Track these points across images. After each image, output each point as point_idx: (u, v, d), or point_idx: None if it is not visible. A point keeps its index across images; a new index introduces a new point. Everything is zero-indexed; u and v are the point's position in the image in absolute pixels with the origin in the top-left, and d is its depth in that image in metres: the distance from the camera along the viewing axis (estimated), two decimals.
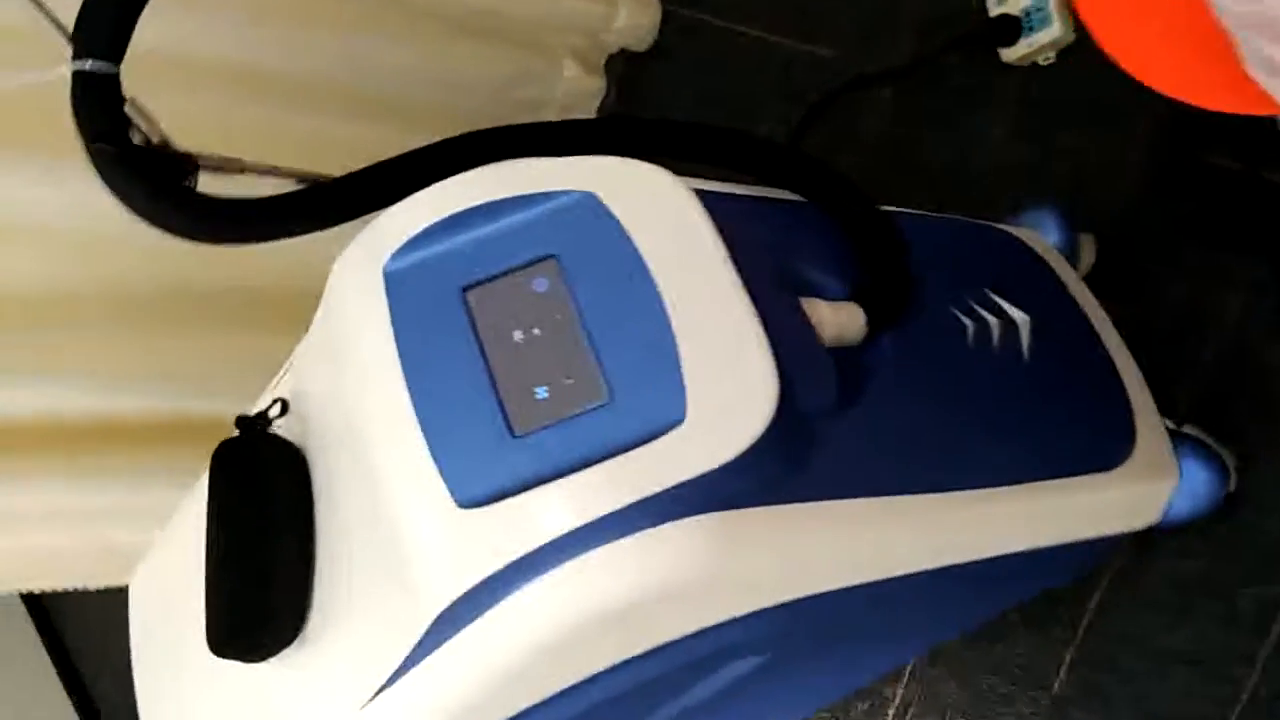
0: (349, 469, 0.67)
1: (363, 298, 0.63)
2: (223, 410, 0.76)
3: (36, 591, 1.97)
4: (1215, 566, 1.01)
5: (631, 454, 0.56)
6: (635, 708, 0.75)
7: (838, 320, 0.69)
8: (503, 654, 0.60)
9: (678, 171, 0.65)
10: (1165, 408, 0.95)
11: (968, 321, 0.79)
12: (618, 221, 0.61)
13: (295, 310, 0.74)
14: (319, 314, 0.69)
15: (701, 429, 0.56)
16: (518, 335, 0.60)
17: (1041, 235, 0.99)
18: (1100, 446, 0.84)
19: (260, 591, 0.69)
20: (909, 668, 1.19)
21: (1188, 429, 0.98)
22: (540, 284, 0.61)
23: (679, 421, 0.56)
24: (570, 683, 0.65)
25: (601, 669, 0.64)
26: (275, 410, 0.73)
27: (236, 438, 0.71)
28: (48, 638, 2.21)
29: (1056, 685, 1.09)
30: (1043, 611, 1.08)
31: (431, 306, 0.61)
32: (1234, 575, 1.00)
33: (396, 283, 0.62)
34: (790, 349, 0.60)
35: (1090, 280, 1.00)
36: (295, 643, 0.69)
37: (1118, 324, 0.96)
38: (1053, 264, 0.93)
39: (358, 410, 0.63)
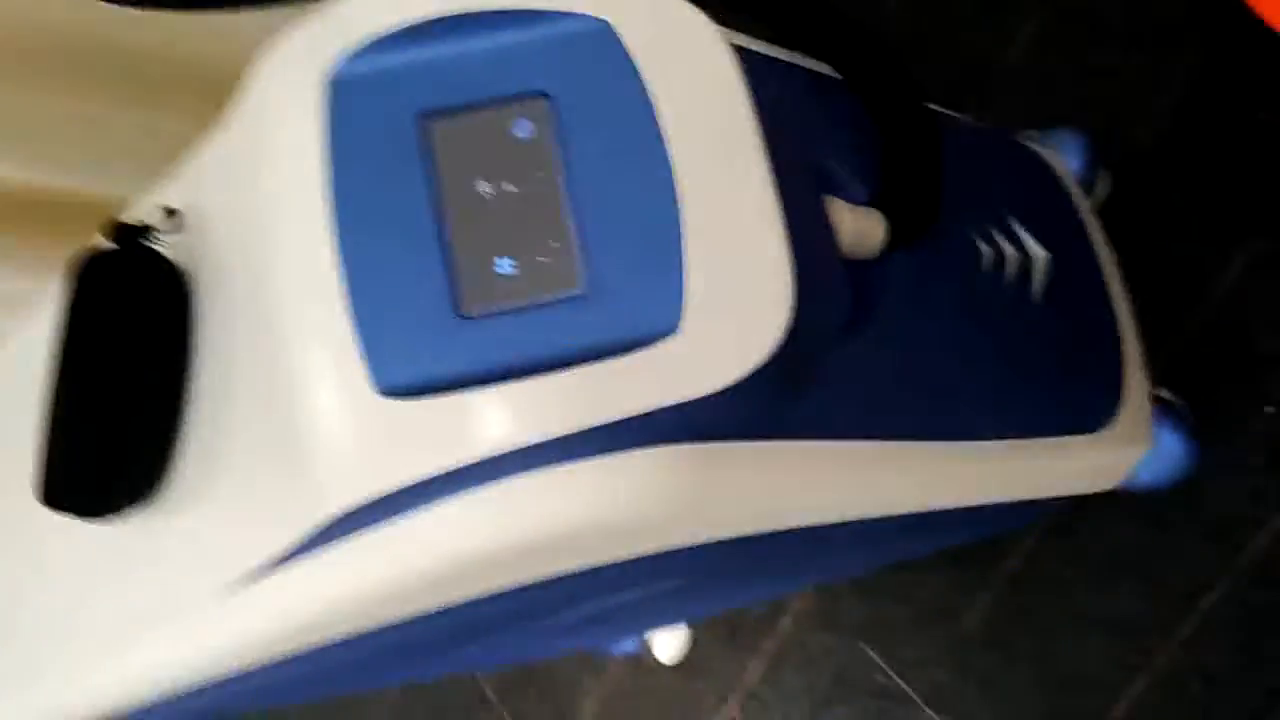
0: (245, 312, 0.54)
1: (294, 105, 0.49)
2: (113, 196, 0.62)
3: None
4: (1153, 538, 0.96)
5: (604, 364, 0.45)
6: (528, 618, 0.67)
7: (857, 228, 0.58)
8: (403, 569, 0.49)
9: None
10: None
11: (984, 249, 0.69)
12: (633, 64, 0.49)
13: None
14: (235, 113, 0.55)
15: (696, 346, 0.46)
16: (484, 188, 0.48)
17: (1063, 160, 0.88)
18: (1088, 406, 0.76)
19: (112, 433, 0.57)
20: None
21: (1162, 392, 0.91)
22: (523, 127, 0.48)
23: (669, 332, 0.46)
24: (468, 599, 0.55)
25: (508, 589, 0.55)
26: (161, 220, 0.59)
27: (107, 250, 0.57)
28: None
29: (964, 625, 1.05)
30: (967, 551, 1.02)
31: (380, 131, 0.48)
32: (1170, 550, 0.95)
33: (341, 93, 0.49)
34: (807, 257, 0.49)
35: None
36: (149, 502, 0.58)
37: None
38: (1075, 196, 0.83)
39: (267, 245, 0.50)
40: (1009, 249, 0.70)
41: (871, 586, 1.10)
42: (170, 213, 0.60)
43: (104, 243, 0.58)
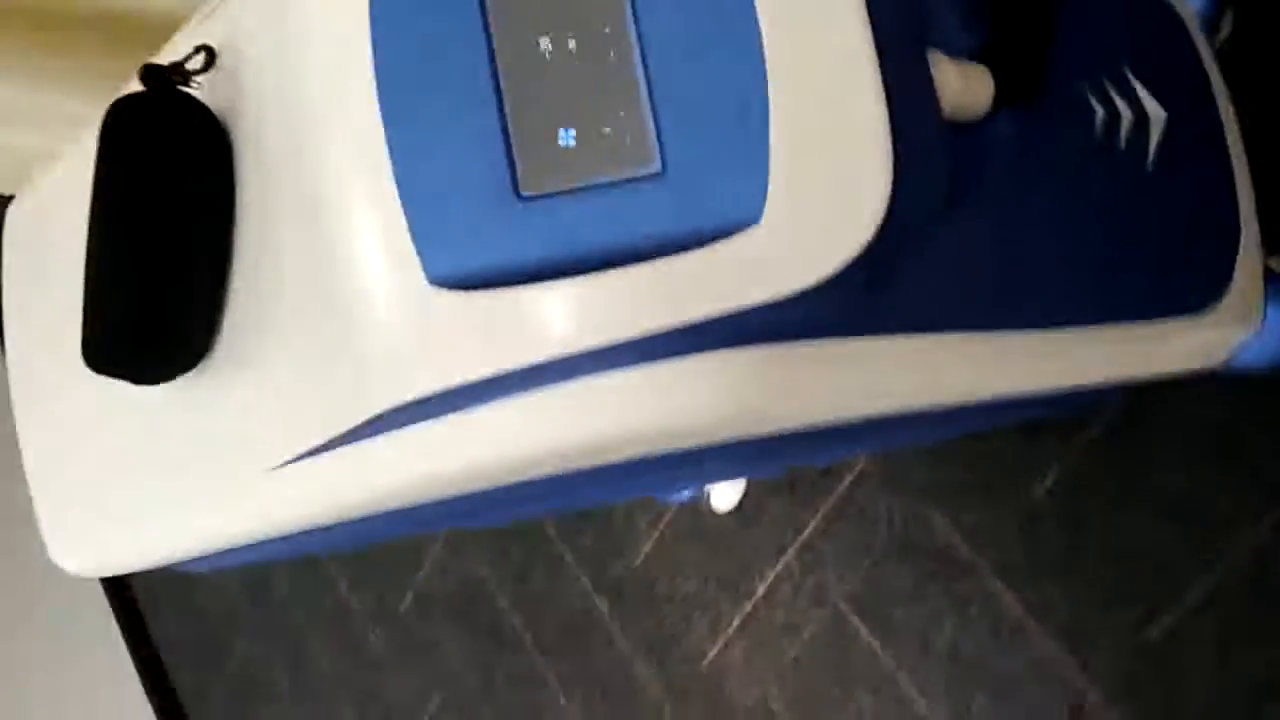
0: (286, 168, 0.50)
1: None
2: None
3: None
4: (1245, 425, 0.91)
5: (679, 259, 0.40)
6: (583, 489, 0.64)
7: (963, 87, 0.51)
8: (455, 463, 0.46)
9: None
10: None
11: (1098, 108, 0.62)
12: None
13: None
14: None
15: (781, 237, 0.41)
16: (545, 44, 0.42)
17: None
18: (1196, 285, 0.70)
19: (157, 294, 0.54)
20: None
21: (1274, 263, 0.84)
22: None
23: (752, 221, 0.41)
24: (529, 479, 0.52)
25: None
26: (197, 61, 0.54)
27: (140, 94, 0.53)
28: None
29: (1034, 495, 1.01)
30: (1042, 422, 0.98)
31: None
32: (1264, 437, 0.90)
33: None
34: (908, 129, 0.43)
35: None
36: (194, 370, 0.55)
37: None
38: (1197, 42, 0.74)
39: (305, 100, 0.45)
40: (1124, 108, 0.63)
41: (940, 451, 1.07)
42: (206, 52, 0.55)
43: (137, 87, 0.53)
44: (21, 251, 0.74)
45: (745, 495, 1.24)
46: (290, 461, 0.51)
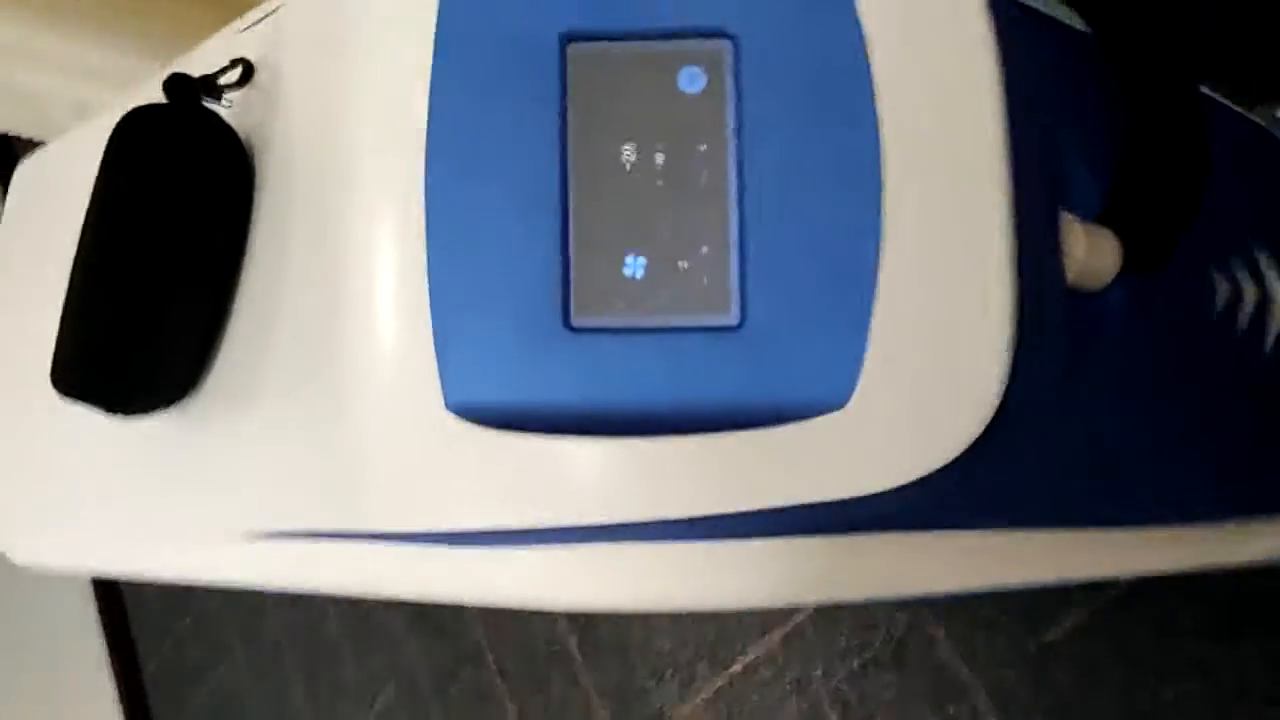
0: (309, 222, 0.44)
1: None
2: None
3: None
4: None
5: (746, 436, 0.34)
6: None
7: (1090, 255, 0.45)
8: (450, 590, 0.40)
9: None
10: None
11: (1221, 284, 0.55)
12: (855, 12, 0.36)
13: None
14: None
15: (870, 428, 0.34)
16: (628, 154, 0.36)
17: None
18: None
19: (143, 325, 0.47)
20: None
21: None
22: (692, 78, 0.36)
23: (837, 404, 0.34)
24: None
25: None
26: (232, 75, 0.48)
27: (161, 106, 0.46)
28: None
29: (1048, 633, 0.95)
30: None
31: (506, 45, 0.36)
32: None
33: None
34: (1030, 305, 0.37)
35: None
36: (173, 409, 0.49)
37: None
38: None
39: (342, 156, 0.39)
40: (1249, 287, 0.56)
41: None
42: (243, 66, 0.48)
43: (159, 97, 0.47)
44: (21, 217, 0.68)
45: None
46: (262, 534, 0.45)
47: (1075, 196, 0.47)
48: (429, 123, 0.36)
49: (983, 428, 0.35)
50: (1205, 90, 0.61)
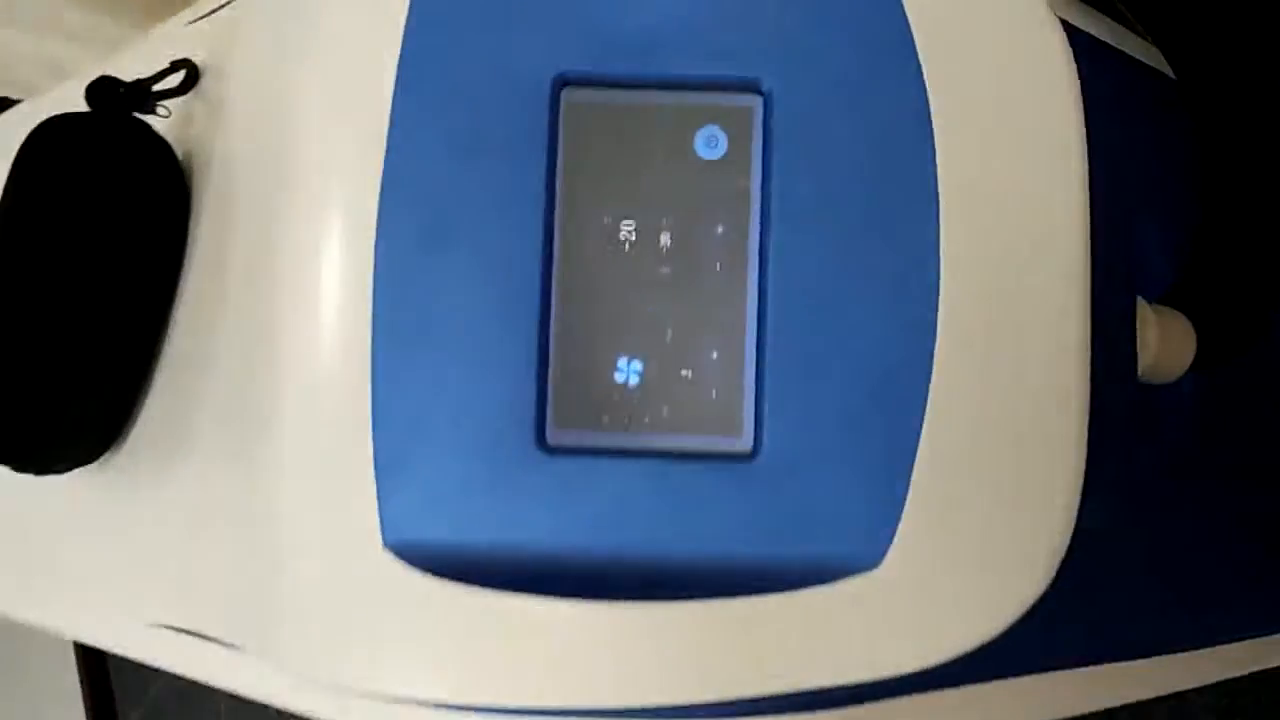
0: (245, 273, 0.37)
1: (361, 8, 0.30)
2: None
3: None
4: None
5: (755, 602, 0.27)
6: None
7: (1162, 347, 0.38)
8: None
9: None
10: None
11: None
12: (918, 61, 0.29)
13: None
14: None
15: (908, 595, 0.28)
16: (626, 232, 0.29)
17: None
18: None
19: (54, 374, 0.40)
20: None
21: None
22: (711, 141, 0.29)
23: (869, 565, 0.27)
24: None
25: None
26: (173, 80, 0.41)
27: (80, 116, 0.39)
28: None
29: None
30: None
31: (485, 91, 0.29)
32: None
33: (437, 5, 0.29)
34: (1100, 417, 0.30)
35: None
36: (94, 465, 0.42)
37: None
38: None
39: (281, 203, 0.32)
40: None
41: None
42: (187, 69, 0.41)
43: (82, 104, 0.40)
44: None
45: None
46: (174, 630, 0.39)
47: (1142, 273, 0.40)
48: (383, 178, 0.29)
49: (1043, 588, 0.29)
50: None
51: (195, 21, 0.43)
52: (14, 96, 0.92)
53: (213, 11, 0.43)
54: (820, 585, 0.27)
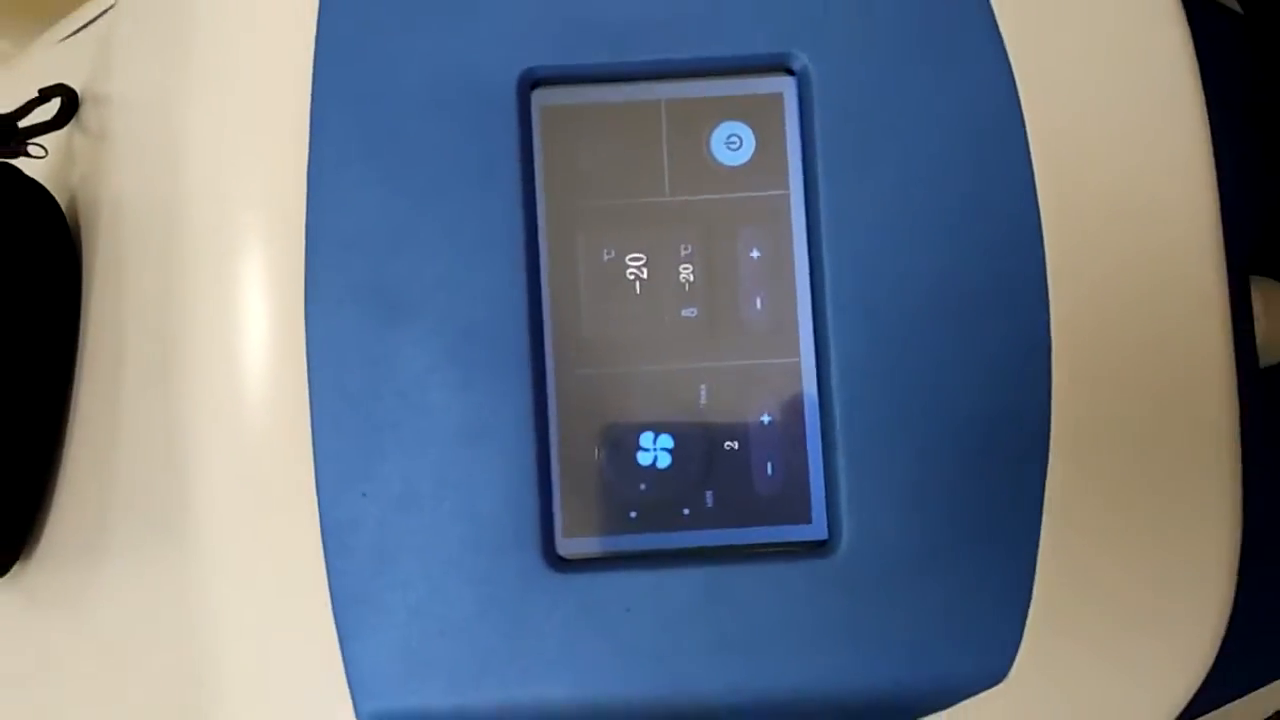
0: (147, 342, 0.29)
1: (261, 7, 0.22)
2: None
3: None
4: None
5: None
6: None
7: (1267, 323, 0.32)
8: None
9: None
10: None
11: None
12: (994, 20, 0.22)
13: None
14: None
15: (1038, 709, 0.21)
16: (635, 265, 0.22)
17: None
18: None
19: None
20: None
21: None
22: (734, 141, 0.22)
23: (995, 678, 0.21)
24: None
25: None
26: (48, 110, 0.33)
27: None
28: None
29: None
30: None
31: (431, 98, 0.22)
32: None
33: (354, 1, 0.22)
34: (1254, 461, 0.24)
35: None
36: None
37: None
38: None
39: (182, 254, 0.25)
40: None
41: None
42: (63, 97, 0.34)
43: None
44: None
45: None
46: None
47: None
48: (308, 220, 0.22)
49: (1205, 671, 0.22)
50: None
51: (68, 38, 0.35)
52: None
53: (89, 24, 0.35)
54: (936, 713, 0.20)
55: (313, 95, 0.22)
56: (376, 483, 0.21)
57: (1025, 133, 0.22)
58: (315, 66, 0.22)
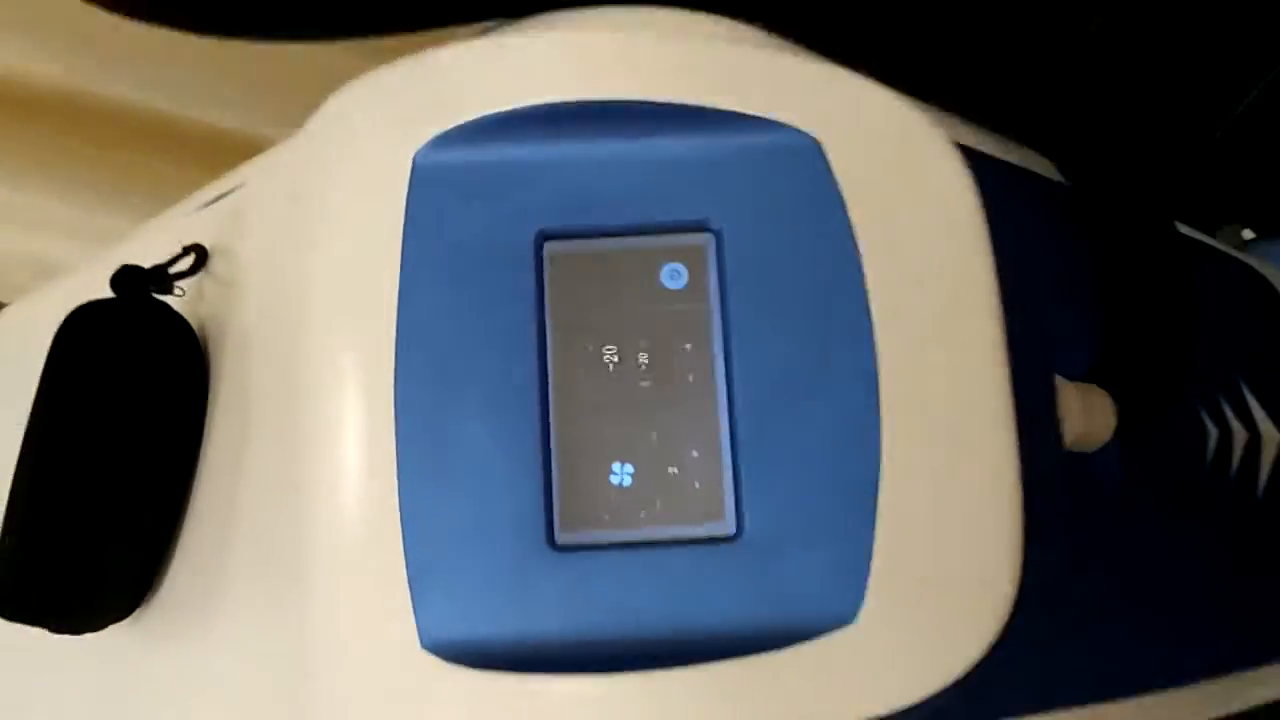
0: (269, 422, 0.41)
1: (371, 188, 0.35)
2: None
3: None
4: None
5: (745, 663, 0.31)
6: None
7: (1085, 419, 0.44)
8: None
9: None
10: None
11: (1213, 428, 0.54)
12: (843, 203, 0.34)
13: None
14: (294, 156, 0.42)
15: (883, 644, 0.32)
16: (609, 355, 0.34)
17: None
18: None
19: (89, 539, 0.44)
20: None
21: None
22: (675, 274, 0.34)
23: (845, 621, 0.32)
24: None
25: None
26: (185, 263, 0.46)
27: (108, 303, 0.44)
28: None
29: None
30: None
31: (479, 248, 0.34)
32: None
33: (434, 184, 0.35)
34: (1035, 486, 0.35)
35: None
36: (126, 622, 0.45)
37: None
38: None
39: (301, 362, 0.37)
40: (1237, 425, 0.55)
41: None
42: (196, 253, 0.46)
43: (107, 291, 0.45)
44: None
45: None
46: None
47: (1064, 357, 0.46)
48: (398, 329, 0.34)
49: (1000, 626, 0.33)
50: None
51: (200, 210, 0.48)
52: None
53: (216, 200, 0.48)
54: (808, 641, 0.31)
55: (401, 252, 0.34)
56: (438, 497, 0.32)
57: (864, 281, 0.34)
58: (404, 234, 0.34)
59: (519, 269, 0.34)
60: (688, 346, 0.34)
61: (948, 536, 0.33)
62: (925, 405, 0.33)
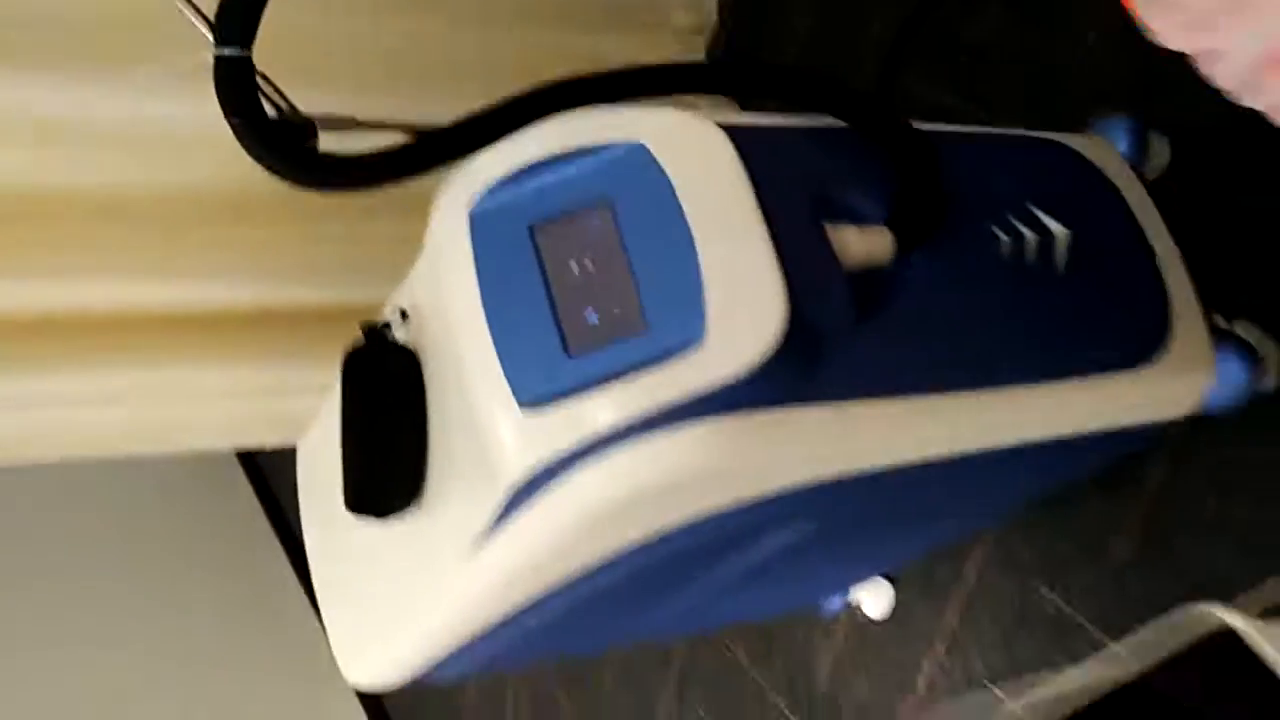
0: (450, 371, 0.82)
1: (452, 236, 0.76)
2: (370, 298, 0.94)
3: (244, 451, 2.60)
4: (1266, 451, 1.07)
5: (662, 367, 0.68)
6: (695, 563, 0.90)
7: (865, 246, 0.78)
8: (564, 523, 0.74)
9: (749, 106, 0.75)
10: (1220, 304, 1.01)
11: (1003, 236, 0.87)
12: (662, 169, 0.72)
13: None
14: (425, 242, 0.83)
15: (717, 348, 0.69)
16: (574, 267, 0.73)
17: (1112, 143, 1.03)
18: (1131, 345, 0.91)
19: (385, 466, 0.86)
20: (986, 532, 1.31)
21: (1238, 327, 1.03)
22: (596, 224, 0.73)
23: (698, 341, 0.68)
24: (624, 548, 0.79)
25: (650, 537, 0.78)
26: (396, 318, 0.89)
27: (362, 345, 0.87)
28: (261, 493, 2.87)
29: (1118, 551, 1.18)
30: (1113, 479, 1.16)
31: (506, 242, 0.74)
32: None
33: (479, 222, 0.76)
34: (807, 275, 0.71)
35: (1165, 181, 1.05)
36: (412, 507, 0.86)
37: (1190, 222, 0.99)
38: (1109, 171, 0.98)
39: (451, 327, 0.77)
40: (1027, 231, 0.87)
41: (1036, 524, 1.25)
42: (402, 312, 0.89)
43: (360, 339, 0.88)
44: (307, 471, 1.10)
45: (895, 602, 1.44)
46: (470, 548, 0.80)
47: (862, 215, 0.81)
48: (480, 288, 0.74)
49: (773, 344, 0.68)
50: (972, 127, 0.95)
51: (399, 290, 0.91)
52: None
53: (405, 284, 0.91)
54: (684, 355, 0.68)
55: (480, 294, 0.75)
56: (516, 342, 0.72)
57: (678, 196, 0.72)
58: (479, 285, 0.75)
59: (526, 242, 0.73)
60: (609, 254, 0.72)
61: (741, 303, 0.69)
62: (722, 251, 0.70)
